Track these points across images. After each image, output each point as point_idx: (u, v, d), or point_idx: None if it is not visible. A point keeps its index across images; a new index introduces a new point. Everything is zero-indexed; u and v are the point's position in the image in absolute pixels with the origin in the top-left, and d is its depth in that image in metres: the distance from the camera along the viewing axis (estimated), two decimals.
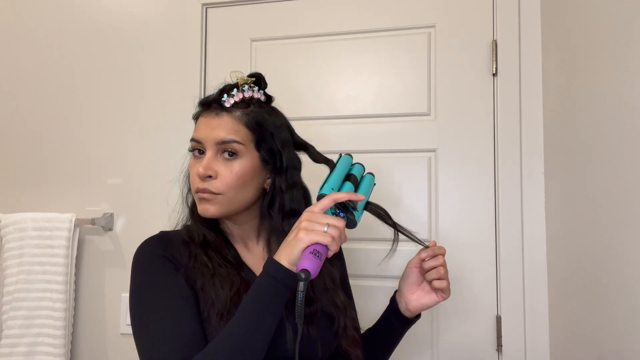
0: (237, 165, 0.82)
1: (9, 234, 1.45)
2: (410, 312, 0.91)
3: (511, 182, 1.29)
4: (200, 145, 0.84)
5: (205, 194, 0.81)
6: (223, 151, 0.82)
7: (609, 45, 0.92)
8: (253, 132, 0.84)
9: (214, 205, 0.82)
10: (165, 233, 0.87)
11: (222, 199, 0.82)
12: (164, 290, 0.76)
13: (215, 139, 0.81)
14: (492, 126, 1.32)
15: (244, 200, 0.84)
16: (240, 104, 0.84)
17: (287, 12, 1.48)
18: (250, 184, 0.84)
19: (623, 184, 0.86)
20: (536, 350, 1.25)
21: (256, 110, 0.85)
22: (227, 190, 0.81)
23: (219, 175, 0.81)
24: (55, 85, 1.59)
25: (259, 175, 0.85)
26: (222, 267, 0.82)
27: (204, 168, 0.80)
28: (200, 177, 0.81)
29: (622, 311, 0.87)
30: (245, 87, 0.86)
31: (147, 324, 0.73)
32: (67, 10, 1.60)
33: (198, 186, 0.82)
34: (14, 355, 1.39)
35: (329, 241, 0.69)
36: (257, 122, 0.84)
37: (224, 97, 0.84)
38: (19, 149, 1.59)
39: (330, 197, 0.74)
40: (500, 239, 1.29)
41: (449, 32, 1.37)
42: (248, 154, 0.83)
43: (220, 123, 0.82)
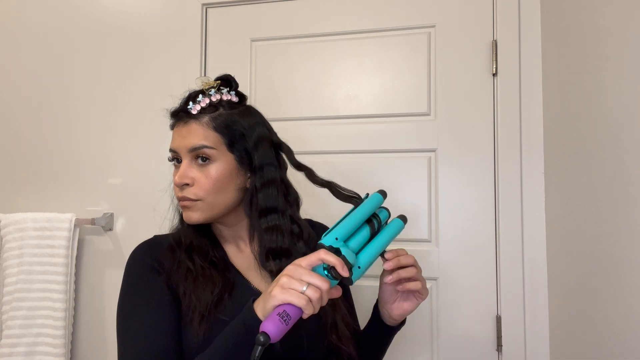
0: (212, 170, 0.83)
1: (9, 234, 1.45)
2: (394, 320, 0.89)
3: (511, 182, 1.29)
4: (177, 155, 0.86)
5: (185, 201, 0.83)
6: (197, 157, 0.83)
7: (609, 45, 0.92)
8: (223, 135, 0.84)
9: (195, 212, 0.83)
10: (157, 238, 0.90)
11: (202, 205, 0.83)
12: (143, 298, 0.80)
13: (187, 146, 0.83)
14: (492, 126, 1.32)
15: (225, 203, 0.85)
16: (208, 108, 0.85)
17: (287, 12, 1.48)
18: (228, 186, 0.84)
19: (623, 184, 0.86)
20: (536, 350, 1.25)
21: (225, 112, 0.86)
22: (206, 195, 0.83)
23: (195, 182, 0.83)
24: (55, 85, 1.59)
25: (237, 176, 0.85)
26: (205, 270, 0.82)
27: (180, 177, 0.83)
28: (177, 186, 0.84)
29: (622, 311, 0.87)
30: (212, 91, 0.86)
31: (126, 329, 0.78)
32: (67, 10, 1.60)
33: (178, 195, 0.85)
34: (14, 355, 1.39)
35: (304, 304, 0.63)
36: (226, 125, 0.85)
37: (190, 105, 0.85)
38: (19, 149, 1.59)
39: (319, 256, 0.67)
40: (500, 239, 1.29)
41: (449, 32, 1.37)
42: (222, 157, 0.84)
43: (189, 131, 0.84)
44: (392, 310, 0.88)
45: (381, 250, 0.79)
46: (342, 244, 0.71)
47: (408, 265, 0.83)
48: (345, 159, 1.40)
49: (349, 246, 0.73)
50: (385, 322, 0.90)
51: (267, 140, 0.88)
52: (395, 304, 0.87)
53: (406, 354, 1.32)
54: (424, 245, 1.34)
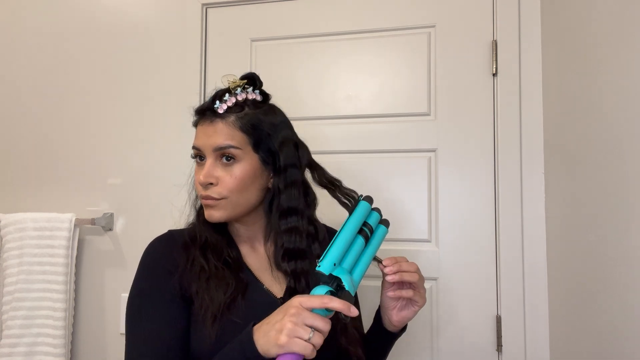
0: (236, 169, 0.83)
1: (9, 234, 1.45)
2: (395, 326, 0.90)
3: (511, 182, 1.29)
4: (200, 152, 0.85)
5: (209, 200, 0.83)
6: (222, 156, 0.83)
7: (609, 45, 0.92)
8: (249, 135, 0.84)
9: (218, 211, 0.83)
10: (171, 233, 0.89)
11: (225, 203, 0.83)
12: (153, 300, 0.80)
13: (212, 145, 0.83)
14: (492, 126, 1.32)
15: (247, 203, 0.85)
16: (234, 108, 0.85)
17: (287, 12, 1.48)
18: (252, 186, 0.84)
19: (623, 184, 0.86)
20: (536, 350, 1.25)
21: (251, 112, 0.85)
22: (230, 194, 0.82)
23: (219, 181, 0.82)
24: (55, 85, 1.58)
25: (261, 176, 0.86)
26: (219, 270, 0.82)
27: (204, 176, 0.82)
28: (202, 185, 0.83)
29: (622, 311, 0.87)
30: (238, 90, 0.86)
31: (133, 330, 0.79)
32: (66, 10, 1.60)
33: (201, 194, 0.84)
34: (14, 355, 1.39)
35: (309, 353, 0.65)
36: (252, 125, 0.84)
37: (217, 104, 0.84)
38: (19, 149, 1.59)
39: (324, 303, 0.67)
40: (500, 239, 1.29)
41: (449, 32, 1.37)
42: (247, 157, 0.83)
43: (215, 130, 0.83)
44: (392, 316, 0.89)
45: (371, 259, 0.81)
46: (340, 270, 0.73)
47: (411, 271, 0.84)
48: (345, 159, 1.40)
49: (344, 267, 0.74)
50: (386, 327, 0.91)
51: (291, 141, 0.88)
52: (394, 310, 0.89)
53: (406, 354, 1.32)
54: (424, 245, 1.34)
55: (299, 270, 0.85)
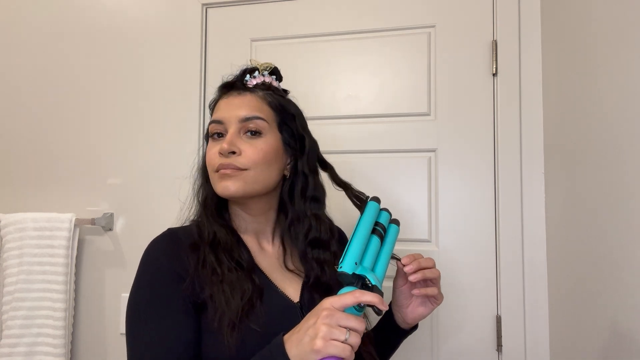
0: (261, 143, 0.79)
1: (9, 234, 1.45)
2: (408, 324, 0.88)
3: (511, 182, 1.29)
4: (221, 127, 0.81)
5: (228, 169, 0.77)
6: (246, 130, 0.80)
7: (609, 45, 0.92)
8: (276, 112, 0.83)
9: (237, 182, 0.77)
10: (173, 232, 0.81)
11: (246, 176, 0.78)
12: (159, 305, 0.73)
13: (239, 116, 0.79)
14: (492, 126, 1.32)
15: (267, 181, 0.81)
16: (261, 86, 0.85)
17: (287, 12, 1.48)
18: (274, 164, 0.81)
19: (623, 184, 0.86)
20: (536, 350, 1.25)
21: (277, 94, 0.86)
22: (254, 166, 0.78)
23: (243, 152, 0.78)
24: (55, 85, 1.58)
25: (282, 157, 0.83)
26: (232, 272, 0.75)
27: (228, 143, 0.77)
28: (223, 153, 0.78)
29: (622, 311, 0.87)
30: (265, 72, 0.87)
31: (137, 334, 0.72)
32: (67, 10, 1.60)
33: (221, 162, 0.78)
34: (14, 355, 1.39)
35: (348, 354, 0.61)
36: (279, 104, 0.84)
37: (247, 77, 0.85)
38: (19, 149, 1.59)
39: (356, 298, 0.64)
40: (500, 239, 1.29)
41: (449, 32, 1.37)
42: (271, 134, 0.81)
43: (243, 101, 0.81)
44: (406, 314, 0.87)
45: (389, 256, 0.80)
46: (362, 268, 0.70)
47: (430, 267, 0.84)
48: (345, 158, 1.40)
49: (365, 265, 0.72)
50: (399, 325, 0.89)
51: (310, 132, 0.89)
52: (409, 308, 0.87)
53: (406, 354, 1.32)
54: (424, 245, 1.34)
55: (324, 260, 0.83)
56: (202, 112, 1.50)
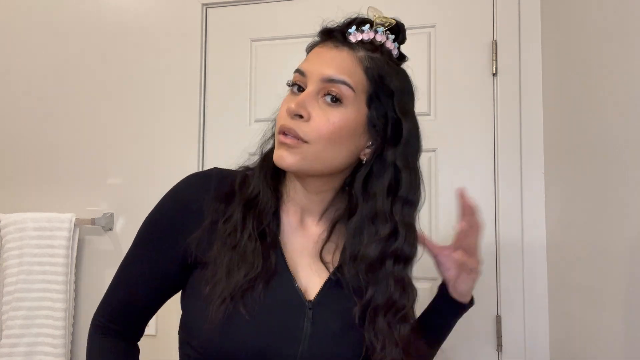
0: (337, 114, 0.64)
1: (9, 234, 1.45)
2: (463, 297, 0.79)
3: (511, 182, 1.29)
4: (303, 80, 0.68)
5: (288, 137, 0.64)
6: (326, 94, 0.65)
7: (609, 45, 0.92)
8: (371, 82, 0.67)
9: (294, 155, 0.64)
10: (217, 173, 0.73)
11: (306, 150, 0.64)
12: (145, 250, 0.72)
13: (323, 74, 0.65)
14: (492, 126, 1.32)
15: (332, 161, 0.66)
16: (368, 45, 0.69)
17: (287, 12, 1.48)
18: (346, 142, 0.66)
19: (623, 184, 0.86)
20: (536, 350, 1.25)
21: (382, 59, 0.70)
22: (317, 140, 0.64)
23: (311, 118, 0.64)
24: (55, 85, 1.58)
25: (359, 137, 0.67)
26: (251, 242, 0.66)
27: (297, 104, 0.64)
28: (289, 114, 0.65)
29: (622, 311, 0.87)
30: (380, 29, 0.71)
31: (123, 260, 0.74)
32: (67, 10, 1.60)
33: (283, 123, 0.65)
34: (14, 355, 1.39)
35: None
36: (379, 74, 0.68)
37: (352, 29, 0.70)
38: (19, 149, 1.59)
39: None
40: (500, 239, 1.29)
41: (449, 32, 1.36)
42: (355, 106, 0.66)
43: (334, 57, 0.67)
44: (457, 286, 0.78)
45: None
46: None
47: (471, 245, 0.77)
48: None
49: None
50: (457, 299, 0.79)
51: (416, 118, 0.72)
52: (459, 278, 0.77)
53: None
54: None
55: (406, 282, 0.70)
56: (202, 112, 1.50)
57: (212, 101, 1.49)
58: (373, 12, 0.73)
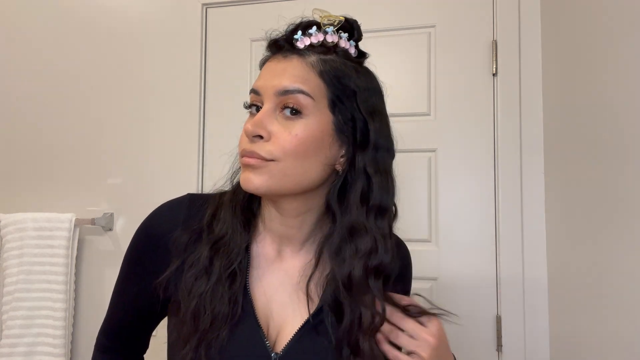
0: (298, 127, 0.59)
1: (9, 234, 1.45)
2: None
3: (511, 182, 1.29)
4: (259, 99, 0.62)
5: (252, 158, 0.59)
6: (284, 107, 0.60)
7: (609, 45, 0.92)
8: (328, 86, 0.61)
9: (260, 176, 0.59)
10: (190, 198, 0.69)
11: (273, 168, 0.59)
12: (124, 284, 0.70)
13: (276, 87, 0.60)
14: (492, 126, 1.32)
15: (303, 176, 0.60)
16: (319, 48, 0.64)
17: (287, 12, 1.47)
18: (315, 154, 0.60)
19: (623, 184, 0.86)
20: (536, 350, 1.25)
21: (338, 60, 0.64)
22: (283, 157, 0.58)
23: (272, 136, 0.59)
24: (55, 85, 1.58)
25: (329, 146, 0.61)
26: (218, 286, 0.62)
27: (254, 124, 0.59)
28: (248, 136, 0.60)
29: (622, 311, 0.87)
30: (330, 28, 0.66)
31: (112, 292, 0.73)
32: (67, 10, 1.60)
33: (244, 148, 0.60)
34: (14, 355, 1.39)
35: None
36: (336, 75, 0.62)
37: (297, 35, 0.65)
38: (19, 149, 1.59)
39: None
40: (500, 239, 1.29)
41: (449, 32, 1.36)
42: (317, 114, 0.60)
43: (285, 68, 0.61)
44: None
45: None
46: None
47: None
48: None
49: None
50: None
51: (386, 117, 0.66)
52: None
53: None
54: (424, 245, 1.34)
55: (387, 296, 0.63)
56: (202, 111, 1.50)
57: (212, 101, 1.49)
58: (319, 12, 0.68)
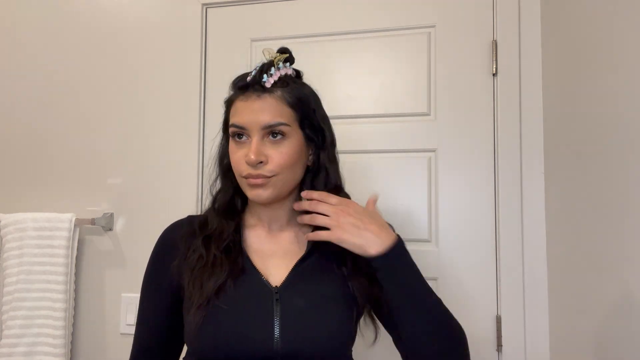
0: (285, 146, 0.80)
1: (9, 234, 1.45)
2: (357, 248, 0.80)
3: (511, 182, 1.29)
4: (243, 131, 0.80)
5: (259, 179, 0.78)
6: (269, 134, 0.79)
7: (609, 45, 0.92)
8: (296, 111, 0.81)
9: (267, 189, 0.80)
10: (188, 219, 0.90)
11: (275, 181, 0.79)
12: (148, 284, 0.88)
13: (261, 123, 0.78)
14: (492, 126, 1.32)
15: (293, 180, 0.83)
16: (278, 82, 0.81)
17: (287, 12, 1.48)
18: (298, 163, 0.82)
19: (623, 184, 0.86)
20: (536, 350, 1.25)
21: (295, 87, 0.83)
22: (280, 171, 0.79)
23: (269, 159, 0.79)
24: (55, 85, 1.58)
25: (304, 153, 0.84)
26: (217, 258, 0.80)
27: (256, 154, 0.77)
28: (251, 164, 0.78)
29: (622, 311, 0.87)
30: (280, 64, 0.83)
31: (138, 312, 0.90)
32: (66, 10, 1.60)
33: (250, 172, 0.79)
34: (14, 355, 1.39)
35: None
36: (300, 99, 0.82)
37: (264, 78, 0.80)
38: (19, 149, 1.59)
39: None
40: (500, 239, 1.29)
41: (449, 32, 1.36)
42: (294, 134, 0.81)
43: (263, 106, 0.79)
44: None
45: None
46: None
47: None
48: (345, 158, 1.38)
49: None
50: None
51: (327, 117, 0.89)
52: None
53: None
54: (424, 245, 1.34)
55: None
56: (202, 112, 1.50)
57: (212, 101, 1.49)
58: (268, 53, 0.85)
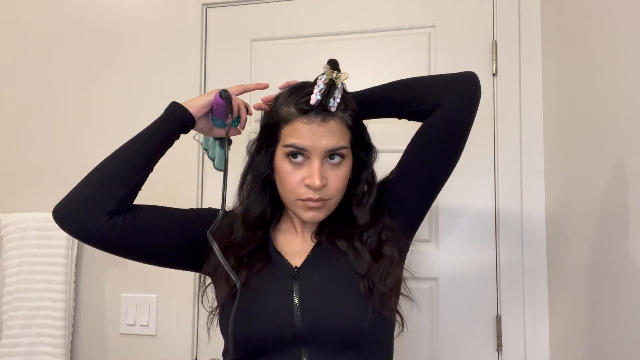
0: (342, 169, 0.80)
1: (9, 234, 1.45)
2: None
3: (511, 182, 1.29)
4: (304, 152, 0.77)
5: (318, 202, 0.78)
6: (330, 156, 0.79)
7: (609, 45, 0.92)
8: (353, 133, 0.82)
9: (323, 211, 0.81)
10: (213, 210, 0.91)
11: (329, 204, 0.81)
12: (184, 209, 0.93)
13: (325, 147, 0.77)
14: (492, 126, 1.32)
15: (340, 198, 0.83)
16: (341, 105, 0.79)
17: (287, 12, 1.48)
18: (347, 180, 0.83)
19: (622, 184, 0.86)
20: (536, 350, 1.25)
21: (351, 106, 0.81)
22: (336, 194, 0.80)
23: (329, 182, 0.79)
24: (55, 85, 1.59)
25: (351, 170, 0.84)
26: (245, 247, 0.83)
27: (320, 179, 0.76)
28: (315, 189, 0.77)
29: (622, 311, 0.87)
30: (340, 85, 0.79)
31: None
32: (66, 10, 1.60)
33: (311, 197, 0.78)
34: (14, 355, 1.39)
35: None
36: (357, 122, 0.82)
37: (330, 103, 0.76)
38: (19, 148, 1.59)
39: None
40: (500, 239, 1.29)
41: (449, 32, 1.37)
42: (349, 155, 0.81)
43: (328, 130, 0.77)
44: None
45: None
46: None
47: None
48: None
49: None
50: None
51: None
52: None
53: (406, 354, 1.32)
54: (424, 245, 1.34)
55: None
56: None
57: None
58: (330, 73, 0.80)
